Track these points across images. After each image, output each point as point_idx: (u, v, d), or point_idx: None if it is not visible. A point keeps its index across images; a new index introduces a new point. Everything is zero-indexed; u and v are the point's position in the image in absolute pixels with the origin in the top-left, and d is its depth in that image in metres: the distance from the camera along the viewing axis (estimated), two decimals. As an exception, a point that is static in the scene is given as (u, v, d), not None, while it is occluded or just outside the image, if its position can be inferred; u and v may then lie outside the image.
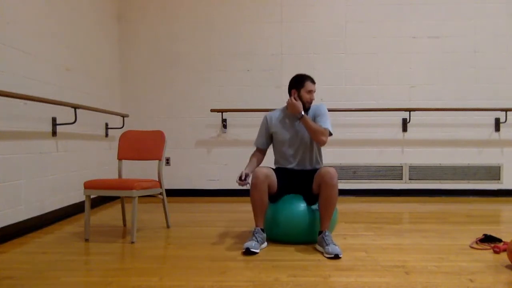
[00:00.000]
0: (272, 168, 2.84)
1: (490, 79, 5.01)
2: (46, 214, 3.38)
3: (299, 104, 2.76)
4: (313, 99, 2.88)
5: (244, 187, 2.70)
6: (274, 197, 2.79)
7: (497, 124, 5.00)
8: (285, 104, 2.91)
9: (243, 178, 2.67)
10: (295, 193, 2.83)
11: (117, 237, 2.99)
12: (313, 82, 2.88)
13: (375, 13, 5.03)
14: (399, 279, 2.07)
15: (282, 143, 2.90)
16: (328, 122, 2.81)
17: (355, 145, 5.05)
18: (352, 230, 3.22)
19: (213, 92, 5.09)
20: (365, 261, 2.37)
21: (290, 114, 2.88)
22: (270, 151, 3.02)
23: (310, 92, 2.84)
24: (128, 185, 2.76)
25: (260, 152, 3.01)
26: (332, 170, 2.62)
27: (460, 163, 5.04)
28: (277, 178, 2.77)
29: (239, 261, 2.37)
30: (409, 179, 5.05)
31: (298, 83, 2.86)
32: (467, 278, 2.07)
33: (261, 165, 2.92)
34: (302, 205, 2.74)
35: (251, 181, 2.67)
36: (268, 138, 2.99)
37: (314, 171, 2.78)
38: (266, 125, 2.99)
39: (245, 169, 2.76)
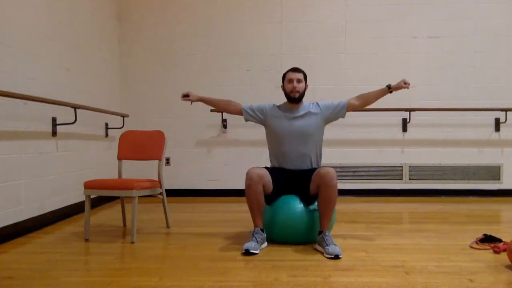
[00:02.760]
0: (267, 168, 2.82)
1: (490, 79, 5.01)
2: (46, 214, 3.38)
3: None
4: (298, 87, 2.83)
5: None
6: (269, 198, 2.76)
7: (497, 124, 5.01)
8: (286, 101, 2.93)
9: (189, 97, 2.95)
10: (291, 193, 2.80)
11: (117, 237, 2.99)
12: (294, 71, 2.89)
13: (375, 13, 5.04)
14: (399, 279, 2.07)
15: (280, 142, 2.86)
16: (336, 101, 2.98)
17: (355, 145, 5.05)
18: (352, 230, 3.22)
19: (213, 92, 5.09)
20: (365, 261, 2.37)
21: (290, 109, 2.89)
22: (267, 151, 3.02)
23: (291, 81, 2.84)
24: (128, 185, 2.76)
25: (236, 109, 2.99)
26: (332, 171, 2.61)
27: (460, 163, 5.04)
28: (272, 178, 2.75)
29: (239, 261, 2.37)
30: (409, 179, 5.05)
31: (282, 78, 2.95)
32: (467, 278, 2.07)
33: (254, 165, 2.90)
34: (301, 206, 2.73)
35: (245, 182, 2.65)
36: (255, 116, 2.95)
37: (312, 171, 2.76)
38: (265, 111, 2.94)
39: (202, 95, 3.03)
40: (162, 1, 5.08)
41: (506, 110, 4.91)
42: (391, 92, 2.89)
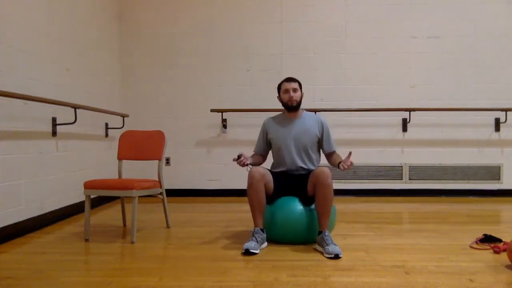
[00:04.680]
0: (269, 170, 2.85)
1: (490, 79, 5.01)
2: (46, 214, 3.38)
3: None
4: (295, 96, 2.83)
5: (240, 165, 2.69)
6: (270, 199, 2.79)
7: (497, 124, 5.01)
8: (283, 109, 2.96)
9: (242, 159, 2.65)
10: (291, 195, 2.83)
11: (117, 237, 2.99)
12: (289, 81, 2.88)
13: (375, 13, 5.04)
14: (399, 279, 2.07)
15: (279, 148, 2.90)
16: (333, 142, 2.96)
17: (355, 145, 5.04)
18: (352, 230, 3.22)
19: (213, 92, 5.09)
20: (365, 261, 2.38)
21: (288, 119, 2.92)
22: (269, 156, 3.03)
23: (287, 91, 2.84)
24: (128, 185, 2.76)
25: (260, 156, 3.04)
26: (326, 170, 2.63)
27: (460, 163, 5.04)
28: (273, 179, 2.78)
29: (239, 261, 2.37)
30: (409, 179, 5.05)
31: (278, 89, 2.94)
32: (467, 278, 2.07)
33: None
34: (300, 206, 2.74)
35: (247, 181, 2.67)
36: (266, 143, 3.01)
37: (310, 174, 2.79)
38: (264, 130, 3.01)
39: (247, 158, 2.75)
40: (162, 1, 5.08)
41: (506, 110, 4.91)
42: (339, 166, 2.69)
